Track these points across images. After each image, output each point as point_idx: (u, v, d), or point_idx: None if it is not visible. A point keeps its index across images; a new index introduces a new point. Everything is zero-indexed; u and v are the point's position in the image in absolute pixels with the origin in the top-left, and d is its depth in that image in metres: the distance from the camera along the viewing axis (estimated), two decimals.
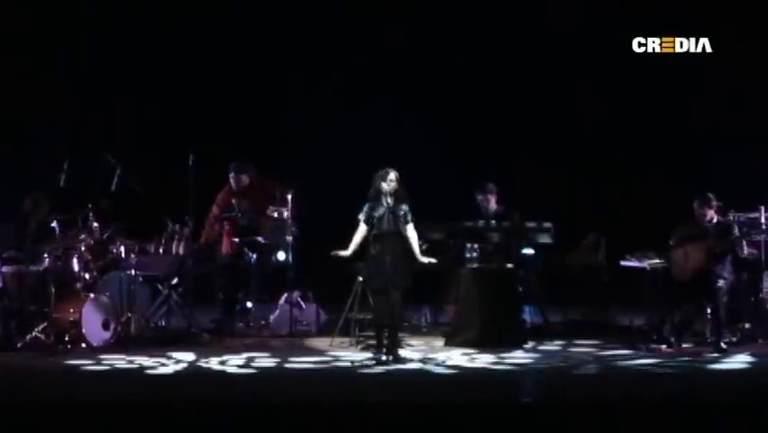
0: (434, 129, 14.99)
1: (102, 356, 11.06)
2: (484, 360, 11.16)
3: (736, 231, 11.77)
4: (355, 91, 15.22)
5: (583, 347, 11.84)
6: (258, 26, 15.26)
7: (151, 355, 11.12)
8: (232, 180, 13.12)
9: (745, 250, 12.03)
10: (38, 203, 11.87)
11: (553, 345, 11.97)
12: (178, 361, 10.99)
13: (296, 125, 15.29)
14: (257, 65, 15.30)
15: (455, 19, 15.32)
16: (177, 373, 10.48)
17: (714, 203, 11.74)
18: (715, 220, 11.76)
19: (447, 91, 15.35)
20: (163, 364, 10.80)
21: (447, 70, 15.39)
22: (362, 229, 11.03)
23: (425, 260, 11.14)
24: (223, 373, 10.58)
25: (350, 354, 11.45)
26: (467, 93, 15.34)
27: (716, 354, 11.21)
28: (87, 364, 10.74)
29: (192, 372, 10.58)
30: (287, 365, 10.89)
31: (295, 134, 15.20)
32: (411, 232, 11.01)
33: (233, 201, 12.99)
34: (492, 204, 12.86)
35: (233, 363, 10.99)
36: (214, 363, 10.96)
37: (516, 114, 15.30)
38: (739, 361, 11.01)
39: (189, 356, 11.20)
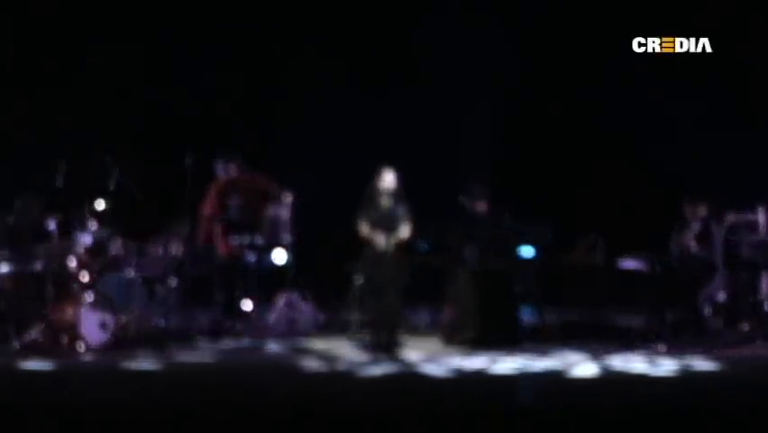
0: (432, 129, 14.99)
1: (100, 357, 11.05)
2: (481, 361, 11.16)
3: (714, 232, 11.78)
4: (354, 92, 15.22)
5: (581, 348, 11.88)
6: (256, 27, 15.28)
7: (148, 356, 11.15)
8: (221, 171, 13.05)
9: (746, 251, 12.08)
10: (28, 204, 11.85)
11: (551, 346, 11.96)
12: (175, 361, 11.01)
13: (295, 126, 15.29)
14: (256, 65, 15.31)
15: (454, 16, 15.32)
16: (175, 373, 10.49)
17: (701, 203, 11.78)
18: (700, 220, 11.78)
19: (446, 92, 15.34)
20: (160, 365, 10.81)
21: (447, 70, 15.39)
22: (368, 227, 11.00)
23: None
24: (220, 372, 10.58)
25: (348, 355, 11.45)
26: (466, 93, 15.33)
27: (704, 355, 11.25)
28: (85, 365, 10.73)
29: (190, 371, 10.58)
30: (284, 366, 10.88)
31: (294, 135, 15.21)
32: (404, 231, 11.00)
33: (229, 203, 12.99)
34: (483, 206, 12.78)
35: (230, 363, 11.01)
36: (213, 362, 10.99)
37: (515, 114, 15.30)
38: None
39: (187, 356, 11.21)
